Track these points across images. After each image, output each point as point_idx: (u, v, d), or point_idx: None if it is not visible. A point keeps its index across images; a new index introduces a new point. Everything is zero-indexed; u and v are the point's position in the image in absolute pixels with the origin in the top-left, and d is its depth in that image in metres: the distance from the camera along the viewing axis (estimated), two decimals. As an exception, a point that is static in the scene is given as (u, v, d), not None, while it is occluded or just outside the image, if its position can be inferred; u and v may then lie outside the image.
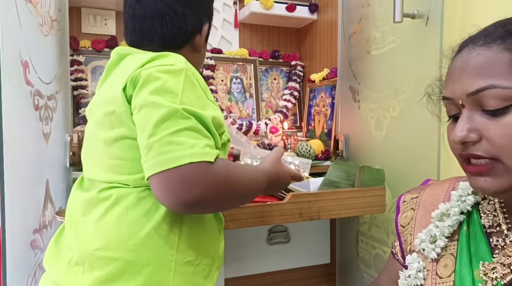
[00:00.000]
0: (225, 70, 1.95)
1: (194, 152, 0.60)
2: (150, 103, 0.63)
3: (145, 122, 0.63)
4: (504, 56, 0.47)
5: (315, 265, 1.56)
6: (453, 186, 0.64)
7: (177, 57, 0.70)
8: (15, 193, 0.86)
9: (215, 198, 0.64)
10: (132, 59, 0.73)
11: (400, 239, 0.67)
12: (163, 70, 0.65)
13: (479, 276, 0.53)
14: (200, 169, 0.60)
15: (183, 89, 0.65)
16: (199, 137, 0.62)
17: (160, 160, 0.59)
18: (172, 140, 0.60)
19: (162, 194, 0.60)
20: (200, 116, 0.64)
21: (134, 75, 0.66)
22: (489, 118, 0.48)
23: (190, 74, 0.67)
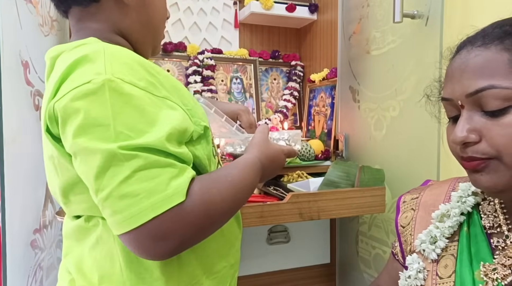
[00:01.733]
0: (225, 70, 1.95)
1: (155, 201, 0.49)
2: (81, 150, 0.51)
3: (85, 175, 0.52)
4: (502, 56, 0.47)
5: (315, 265, 1.56)
6: (453, 186, 0.64)
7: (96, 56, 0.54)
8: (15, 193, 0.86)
9: (199, 236, 0.56)
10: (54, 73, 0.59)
11: (400, 240, 0.67)
12: (80, 96, 0.50)
13: (480, 277, 0.53)
14: (169, 219, 0.50)
15: (113, 112, 0.50)
16: (156, 173, 0.50)
17: (119, 220, 0.50)
18: (123, 193, 0.49)
19: (137, 252, 0.52)
20: (147, 145, 0.50)
21: (50, 112, 0.53)
22: (489, 119, 0.48)
23: (116, 87, 0.51)
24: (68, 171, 0.56)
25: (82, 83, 0.51)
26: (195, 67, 1.83)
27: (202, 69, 1.85)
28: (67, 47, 0.60)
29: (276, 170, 0.76)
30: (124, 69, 0.53)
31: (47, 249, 1.06)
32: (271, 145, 0.74)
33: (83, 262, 0.63)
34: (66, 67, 0.54)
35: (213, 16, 1.93)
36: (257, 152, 0.70)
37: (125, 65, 0.54)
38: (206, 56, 1.86)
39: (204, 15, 1.91)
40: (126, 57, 0.56)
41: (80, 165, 0.52)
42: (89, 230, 0.62)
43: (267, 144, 0.73)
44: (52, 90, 0.54)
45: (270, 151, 0.72)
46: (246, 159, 0.67)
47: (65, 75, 0.53)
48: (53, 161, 0.59)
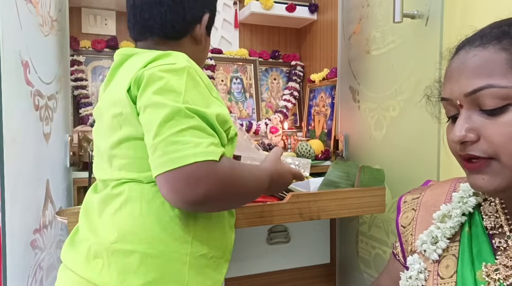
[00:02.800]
0: (225, 70, 1.95)
1: (199, 151, 0.60)
2: (154, 103, 0.63)
3: (150, 122, 0.63)
4: (500, 56, 0.48)
5: (315, 265, 1.56)
6: (454, 187, 0.64)
7: (179, 55, 0.70)
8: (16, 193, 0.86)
9: (220, 196, 0.64)
10: (135, 59, 0.73)
11: (401, 240, 0.67)
12: (166, 69, 0.66)
13: (482, 277, 0.53)
14: (205, 168, 0.61)
15: (186, 87, 0.65)
16: (203, 135, 0.63)
17: (165, 160, 0.60)
18: (177, 140, 0.61)
19: (168, 192, 0.61)
20: (203, 114, 0.64)
21: (137, 76, 0.66)
22: (487, 118, 0.48)
23: (192, 72, 0.67)
24: (131, 126, 0.68)
25: (169, 63, 0.67)
26: (195, 67, 1.83)
27: (203, 69, 1.85)
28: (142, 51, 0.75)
29: (281, 187, 0.86)
30: (197, 67, 0.71)
31: (47, 249, 1.06)
32: (282, 164, 0.84)
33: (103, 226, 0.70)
34: (154, 55, 0.69)
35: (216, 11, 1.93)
36: (269, 165, 0.80)
37: (198, 67, 0.72)
38: (207, 54, 1.86)
39: (204, 15, 1.91)
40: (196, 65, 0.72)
41: (148, 115, 0.64)
42: (113, 197, 0.70)
43: (278, 162, 0.83)
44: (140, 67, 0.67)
45: (280, 168, 0.82)
46: (260, 168, 0.79)
47: (154, 59, 0.68)
48: (119, 118, 0.70)
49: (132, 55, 0.75)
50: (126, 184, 0.70)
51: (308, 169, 1.10)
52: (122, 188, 0.70)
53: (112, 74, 0.78)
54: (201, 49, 0.86)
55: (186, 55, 0.72)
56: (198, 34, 0.83)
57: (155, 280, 0.66)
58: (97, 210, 0.72)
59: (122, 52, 0.77)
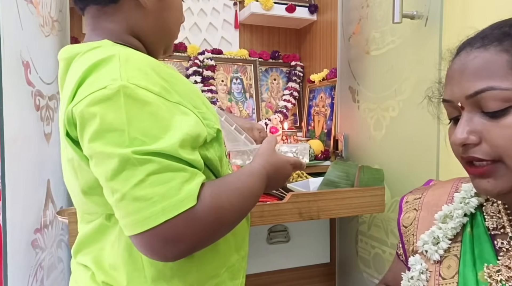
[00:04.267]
0: (225, 70, 1.95)
1: (167, 205, 0.51)
2: (96, 154, 0.53)
3: (101, 177, 0.54)
4: (501, 57, 0.47)
5: (314, 265, 1.56)
6: (456, 187, 0.64)
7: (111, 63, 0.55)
8: (16, 193, 0.86)
9: (209, 239, 0.57)
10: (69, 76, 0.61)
11: (403, 240, 0.67)
12: (96, 101, 0.52)
13: (483, 278, 0.53)
14: (181, 222, 0.51)
15: (128, 118, 0.51)
16: (169, 177, 0.52)
17: (132, 222, 0.51)
18: (137, 196, 0.50)
19: (148, 254, 0.54)
20: (160, 151, 0.52)
21: (68, 117, 0.55)
22: (489, 120, 0.48)
23: (131, 93, 0.52)
24: (88, 174, 0.57)
25: (98, 88, 0.52)
26: (195, 67, 1.83)
27: (202, 70, 1.85)
28: (81, 49, 0.61)
29: (282, 180, 0.77)
30: (139, 74, 0.55)
31: (47, 248, 1.07)
32: (278, 155, 0.75)
33: (103, 258, 0.64)
34: (82, 71, 0.55)
35: (213, 17, 1.93)
36: (262, 161, 0.70)
37: (139, 70, 0.55)
38: (206, 56, 1.87)
39: (204, 16, 1.92)
40: (140, 62, 0.57)
41: (96, 168, 0.54)
42: (109, 228, 0.63)
43: (273, 154, 0.73)
44: (70, 95, 0.55)
45: (276, 161, 0.73)
46: (252, 167, 0.68)
47: (82, 79, 0.55)
48: (72, 164, 0.60)
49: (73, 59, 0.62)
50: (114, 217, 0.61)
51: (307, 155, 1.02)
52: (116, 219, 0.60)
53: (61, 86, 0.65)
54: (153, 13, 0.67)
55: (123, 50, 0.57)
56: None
57: None
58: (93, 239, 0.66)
59: (63, 55, 0.64)
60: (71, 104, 0.54)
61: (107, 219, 0.63)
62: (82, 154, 0.56)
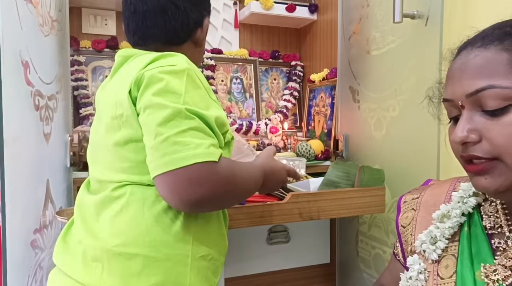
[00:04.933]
0: (225, 70, 1.95)
1: (199, 152, 0.61)
2: (154, 105, 0.63)
3: (150, 123, 0.63)
4: (502, 56, 0.47)
5: (315, 265, 1.56)
6: (454, 186, 0.64)
7: (179, 57, 0.70)
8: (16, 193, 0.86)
9: (219, 197, 0.65)
10: (135, 61, 0.73)
11: (401, 240, 0.67)
12: (166, 71, 0.66)
13: (481, 278, 0.53)
14: (206, 169, 0.61)
15: (186, 89, 0.65)
16: (203, 136, 0.63)
17: (166, 161, 0.60)
18: (178, 140, 0.61)
19: (168, 193, 0.62)
20: (203, 116, 0.64)
21: (138, 77, 0.66)
22: (489, 118, 0.48)
23: (192, 74, 0.67)
24: (131, 128, 0.68)
25: (170, 64, 0.67)
26: (195, 67, 1.83)
27: (202, 69, 1.85)
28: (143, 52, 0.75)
29: (277, 184, 0.86)
30: (197, 70, 0.71)
31: (47, 249, 1.06)
32: (275, 161, 0.84)
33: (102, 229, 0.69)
34: (154, 56, 0.69)
35: (213, 16, 1.93)
36: (262, 161, 0.81)
37: (197, 68, 0.72)
38: (206, 56, 1.86)
39: (204, 15, 1.91)
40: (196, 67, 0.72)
41: (148, 116, 0.64)
42: (113, 200, 0.70)
43: (271, 159, 0.84)
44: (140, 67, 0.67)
45: (273, 165, 0.83)
46: (255, 163, 0.80)
47: (153, 59, 0.68)
48: (119, 119, 0.69)
49: (132, 56, 0.75)
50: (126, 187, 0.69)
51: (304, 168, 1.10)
52: (122, 191, 0.69)
53: (112, 75, 0.78)
54: (200, 51, 0.88)
55: (185, 57, 0.72)
56: (199, 38, 0.83)
57: (158, 283, 0.66)
58: (94, 212, 0.71)
59: (122, 53, 0.77)
60: (144, 69, 0.66)
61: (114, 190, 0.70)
62: (134, 110, 0.67)
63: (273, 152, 0.87)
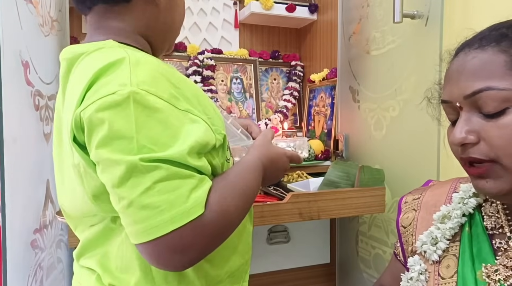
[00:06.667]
0: (225, 70, 1.95)
1: (176, 214, 0.50)
2: (103, 161, 0.51)
3: (107, 184, 0.53)
4: (499, 58, 0.48)
5: (315, 265, 1.56)
6: (455, 187, 0.64)
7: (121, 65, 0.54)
8: (16, 193, 0.86)
9: (217, 243, 0.56)
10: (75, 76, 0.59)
11: (401, 240, 0.67)
12: (105, 106, 0.51)
13: (482, 278, 0.53)
14: (189, 232, 0.51)
15: (137, 125, 0.50)
16: (177, 185, 0.51)
17: (139, 230, 0.50)
18: (145, 204, 0.49)
19: (153, 262, 0.53)
20: (168, 158, 0.51)
21: (76, 121, 0.53)
22: (487, 120, 0.48)
23: (140, 99, 0.51)
24: (95, 180, 0.56)
25: (108, 93, 0.51)
26: (195, 67, 1.83)
27: (202, 69, 1.85)
28: (86, 49, 0.60)
29: (279, 173, 0.76)
30: (149, 80, 0.53)
31: (47, 249, 1.06)
32: (273, 148, 0.74)
33: (110, 261, 0.63)
34: (91, 75, 0.53)
35: (213, 16, 1.93)
36: (258, 153, 0.69)
37: (150, 76, 0.54)
38: (206, 56, 1.86)
39: (204, 15, 1.92)
40: (150, 67, 0.55)
41: (102, 174, 0.52)
42: (115, 230, 0.61)
43: (268, 146, 0.73)
44: (78, 98, 0.54)
45: (271, 153, 0.72)
46: (249, 161, 0.67)
47: (91, 83, 0.53)
48: (78, 169, 0.58)
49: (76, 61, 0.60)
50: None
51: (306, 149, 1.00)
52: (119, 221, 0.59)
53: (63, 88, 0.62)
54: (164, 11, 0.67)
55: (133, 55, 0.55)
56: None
57: None
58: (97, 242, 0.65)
59: (65, 55, 0.62)
60: (79, 108, 0.53)
61: (113, 221, 0.61)
62: (89, 160, 0.55)
63: (271, 136, 0.76)
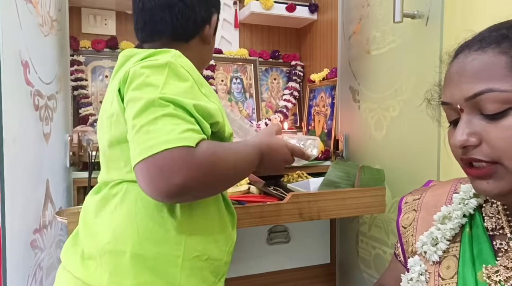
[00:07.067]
0: (225, 70, 1.95)
1: (170, 138, 0.58)
2: (132, 99, 0.63)
3: (128, 118, 0.63)
4: (500, 59, 0.47)
5: (315, 265, 1.56)
6: (455, 188, 0.64)
7: (172, 53, 0.70)
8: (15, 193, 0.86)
9: (200, 184, 0.60)
10: (131, 59, 0.73)
11: (401, 240, 0.67)
12: (147, 65, 0.66)
13: (482, 278, 0.53)
14: (179, 155, 0.57)
15: (165, 81, 0.64)
16: (179, 122, 0.60)
17: (139, 151, 0.59)
18: (149, 129, 0.59)
19: (143, 184, 0.59)
20: (178, 102, 0.62)
21: (125, 74, 0.67)
22: (488, 122, 0.48)
23: (175, 67, 0.66)
24: (121, 126, 0.67)
25: (153, 59, 0.68)
26: (195, 67, 1.83)
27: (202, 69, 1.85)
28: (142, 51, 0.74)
29: (278, 163, 0.81)
30: (186, 62, 0.70)
31: (47, 249, 1.06)
32: (275, 138, 0.80)
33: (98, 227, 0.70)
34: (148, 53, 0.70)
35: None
36: (258, 139, 0.77)
37: (187, 63, 0.70)
38: (208, 53, 1.86)
39: (204, 15, 1.91)
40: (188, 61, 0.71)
41: (128, 110, 0.64)
42: (110, 197, 0.70)
43: (270, 136, 0.80)
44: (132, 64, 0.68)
45: (271, 142, 0.78)
46: (247, 141, 0.77)
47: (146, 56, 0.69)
48: (111, 119, 0.70)
49: (133, 56, 0.75)
50: (122, 184, 0.70)
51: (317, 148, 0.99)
52: (118, 188, 0.70)
53: (113, 76, 0.78)
54: (209, 48, 0.87)
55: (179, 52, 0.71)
56: (207, 35, 0.83)
57: (146, 282, 0.66)
58: (94, 211, 0.72)
59: (125, 53, 0.77)
60: (131, 66, 0.67)
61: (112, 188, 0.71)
62: (123, 107, 0.67)
63: (275, 129, 0.82)
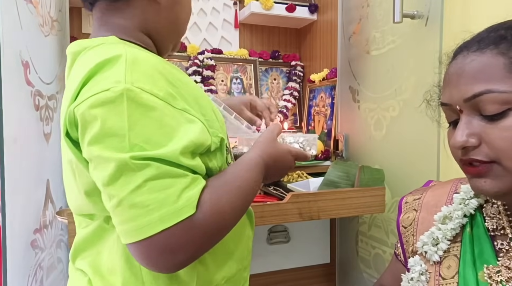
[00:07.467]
0: (225, 70, 1.95)
1: (165, 214, 0.48)
2: (95, 158, 0.51)
3: (98, 182, 0.52)
4: (498, 60, 0.47)
5: (315, 265, 1.56)
6: (455, 188, 0.64)
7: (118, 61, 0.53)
8: (16, 193, 0.86)
9: (209, 244, 0.55)
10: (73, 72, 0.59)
11: (402, 240, 0.67)
12: (98, 103, 0.50)
13: (484, 278, 0.53)
14: (179, 232, 0.49)
15: (129, 124, 0.49)
16: (168, 184, 0.50)
17: (128, 229, 0.49)
18: (134, 202, 0.48)
19: (144, 263, 0.52)
20: (159, 156, 0.49)
21: (70, 117, 0.53)
22: (488, 123, 0.48)
23: (134, 97, 0.50)
24: (87, 177, 0.55)
25: (101, 90, 0.50)
26: (195, 67, 1.83)
27: (202, 69, 1.85)
28: (89, 44, 0.60)
29: (282, 171, 0.74)
30: (145, 77, 0.52)
31: (47, 249, 1.06)
32: (277, 145, 0.71)
33: (101, 262, 0.62)
34: (87, 71, 0.53)
35: (213, 16, 1.93)
36: (259, 151, 0.67)
37: (146, 73, 0.53)
38: (206, 56, 1.86)
39: (204, 15, 1.92)
40: (148, 64, 0.54)
41: (94, 171, 0.52)
42: (107, 230, 0.61)
43: (272, 144, 0.70)
44: (73, 94, 0.53)
45: (274, 151, 0.69)
46: (249, 159, 0.64)
47: (86, 79, 0.53)
48: (71, 165, 0.58)
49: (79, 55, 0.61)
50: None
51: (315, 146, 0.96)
52: None
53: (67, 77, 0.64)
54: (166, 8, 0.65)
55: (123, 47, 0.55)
56: None
57: None
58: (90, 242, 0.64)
59: (72, 49, 0.63)
60: (73, 104, 0.52)
61: (106, 221, 0.61)
62: (81, 156, 0.54)
63: (276, 133, 0.73)
